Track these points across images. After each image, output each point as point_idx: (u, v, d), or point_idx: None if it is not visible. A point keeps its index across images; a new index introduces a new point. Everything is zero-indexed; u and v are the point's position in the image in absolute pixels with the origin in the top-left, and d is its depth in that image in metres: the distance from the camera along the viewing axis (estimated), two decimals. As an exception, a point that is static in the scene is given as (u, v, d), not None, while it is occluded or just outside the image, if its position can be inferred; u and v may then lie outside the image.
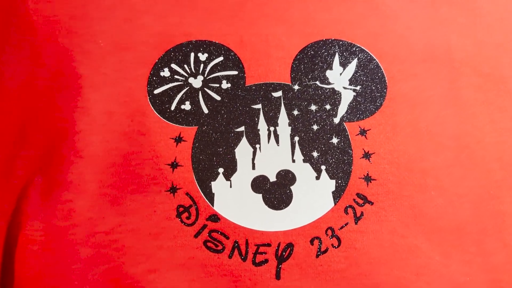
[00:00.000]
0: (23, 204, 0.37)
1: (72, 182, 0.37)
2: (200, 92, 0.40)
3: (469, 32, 0.42)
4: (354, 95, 0.40)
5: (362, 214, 0.38)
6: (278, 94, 0.40)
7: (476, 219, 0.39)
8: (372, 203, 0.38)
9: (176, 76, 0.40)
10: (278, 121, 0.40)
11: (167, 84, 0.40)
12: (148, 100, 0.39)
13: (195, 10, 0.41)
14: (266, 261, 0.37)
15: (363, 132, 0.40)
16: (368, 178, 0.39)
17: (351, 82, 0.40)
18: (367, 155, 0.39)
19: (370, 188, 0.38)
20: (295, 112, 0.40)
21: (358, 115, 0.40)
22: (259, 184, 0.38)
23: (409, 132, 0.39)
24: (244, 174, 0.38)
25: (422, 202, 0.38)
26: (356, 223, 0.38)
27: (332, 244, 0.37)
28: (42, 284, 0.36)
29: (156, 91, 0.39)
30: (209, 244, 0.37)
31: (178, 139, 0.39)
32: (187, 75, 0.40)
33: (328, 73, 0.40)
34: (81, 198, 0.37)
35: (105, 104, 0.39)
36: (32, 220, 0.36)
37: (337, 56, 0.41)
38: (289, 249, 0.37)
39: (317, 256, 0.37)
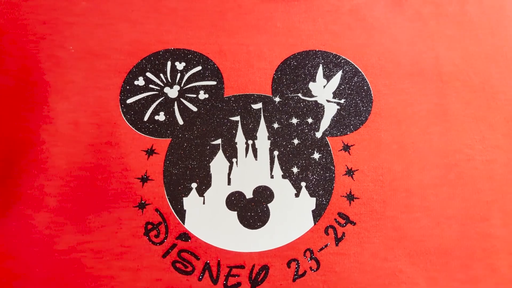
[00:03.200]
0: None
1: (31, 196, 0.36)
2: (175, 102, 0.39)
3: (458, 45, 0.42)
4: (338, 109, 0.39)
5: (343, 235, 0.37)
6: (258, 106, 0.39)
7: (464, 243, 0.38)
8: (354, 223, 0.37)
9: (151, 85, 0.39)
10: (257, 134, 0.39)
11: (141, 93, 0.39)
12: (120, 110, 0.38)
13: (173, 18, 0.40)
14: (238, 284, 0.36)
15: (346, 148, 0.39)
16: (350, 197, 0.38)
17: (335, 95, 0.40)
18: (350, 172, 0.38)
19: (352, 207, 0.37)
20: (275, 125, 0.39)
21: (341, 130, 0.39)
22: (234, 200, 0.37)
23: (394, 149, 0.39)
24: (218, 190, 0.37)
25: (407, 223, 0.37)
26: (336, 245, 0.37)
27: (310, 267, 0.36)
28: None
29: (129, 101, 0.38)
30: (177, 265, 0.36)
31: (150, 152, 0.37)
32: (162, 85, 0.39)
33: (311, 85, 0.40)
34: (40, 214, 0.35)
35: (72, 113, 0.37)
36: None
37: (321, 67, 0.40)
38: (264, 271, 0.36)
39: (294, 279, 0.36)
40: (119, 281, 0.34)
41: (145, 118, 0.38)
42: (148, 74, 0.39)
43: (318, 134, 0.39)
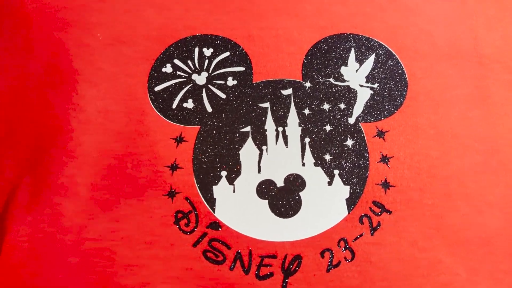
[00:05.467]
0: (10, 206, 0.36)
1: (62, 184, 0.36)
2: (204, 89, 0.39)
3: (498, 25, 0.40)
4: (371, 94, 0.39)
5: (379, 224, 0.36)
6: (288, 91, 0.38)
7: (507, 231, 0.37)
8: (390, 212, 0.36)
9: (178, 72, 0.39)
10: (287, 121, 0.38)
11: (169, 80, 0.39)
12: (148, 97, 0.38)
13: (200, 3, 0.40)
14: (271, 274, 0.35)
15: (381, 134, 0.38)
16: (386, 185, 0.36)
17: (368, 79, 0.39)
18: (385, 159, 0.37)
19: (388, 195, 0.36)
20: (306, 112, 0.38)
21: (375, 115, 0.38)
22: (265, 189, 0.36)
23: (432, 134, 0.38)
24: (248, 178, 0.36)
25: (446, 211, 0.36)
26: (372, 234, 0.36)
27: (344, 257, 0.35)
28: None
29: (157, 88, 0.38)
30: (208, 254, 0.35)
31: (179, 140, 0.37)
32: (190, 71, 0.39)
33: (343, 69, 0.39)
34: (70, 202, 0.35)
35: (101, 101, 0.37)
36: (18, 226, 0.35)
37: (353, 51, 0.39)
38: (296, 261, 0.35)
39: (328, 270, 0.35)
40: (149, 270, 0.34)
41: (174, 106, 0.38)
42: (176, 61, 0.39)
43: (351, 120, 0.38)
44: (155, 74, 0.38)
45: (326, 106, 0.38)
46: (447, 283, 0.35)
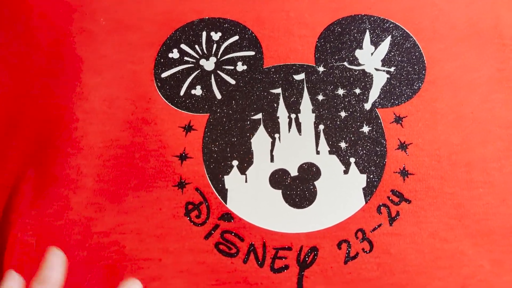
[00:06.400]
0: (14, 200, 0.35)
1: (68, 176, 0.35)
2: (212, 75, 0.38)
3: None
4: (387, 78, 0.38)
5: (397, 214, 0.35)
6: (301, 77, 0.38)
7: None
8: (409, 202, 0.35)
9: (186, 58, 0.38)
10: (300, 108, 0.37)
11: (176, 66, 0.38)
12: (155, 84, 0.37)
13: None
14: (286, 267, 0.34)
15: (398, 120, 0.37)
16: (404, 173, 0.35)
17: (384, 63, 0.38)
18: (403, 146, 0.36)
19: (407, 184, 0.35)
20: (320, 97, 0.37)
21: (392, 100, 0.37)
22: (278, 178, 0.35)
23: (452, 120, 0.37)
24: (261, 168, 0.36)
25: (468, 200, 0.35)
26: (390, 225, 0.35)
27: (363, 249, 0.34)
28: None
29: (163, 75, 0.38)
30: (221, 246, 0.34)
31: (188, 128, 0.36)
32: (198, 57, 0.38)
33: (358, 52, 0.38)
34: (77, 195, 0.35)
35: (106, 89, 0.37)
36: (24, 219, 0.34)
37: (367, 33, 0.39)
38: (313, 253, 0.34)
39: (346, 262, 0.34)
40: (160, 264, 0.33)
41: (181, 93, 0.37)
42: (183, 46, 0.38)
43: (367, 106, 0.37)
44: (162, 60, 0.38)
45: (340, 91, 0.37)
46: (470, 275, 0.34)
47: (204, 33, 0.38)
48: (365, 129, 0.36)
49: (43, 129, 0.36)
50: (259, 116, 0.37)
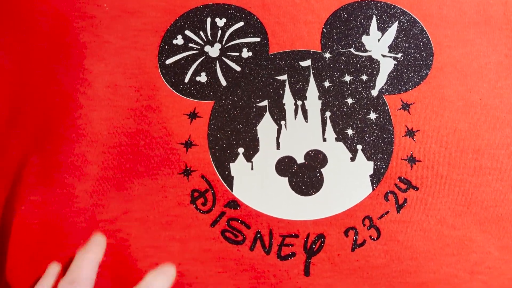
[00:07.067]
0: (18, 188, 0.35)
1: (72, 164, 0.34)
2: (217, 62, 0.37)
3: None
4: (394, 64, 0.37)
5: (405, 201, 0.34)
6: (307, 63, 0.37)
7: None
8: (417, 189, 0.35)
9: (190, 44, 0.38)
10: (307, 94, 0.37)
11: (180, 53, 0.37)
12: (159, 71, 0.37)
13: None
14: (293, 254, 0.34)
15: (405, 106, 0.36)
16: (412, 160, 0.35)
17: (391, 49, 0.38)
18: (410, 133, 0.36)
19: (414, 171, 0.35)
20: (326, 84, 0.37)
21: (399, 87, 0.37)
22: (284, 166, 0.35)
23: (460, 106, 0.36)
24: (267, 155, 0.35)
25: (477, 187, 0.35)
26: (398, 212, 0.34)
27: (370, 236, 0.34)
28: (38, 275, 0.33)
29: (168, 61, 0.37)
30: (227, 234, 0.34)
31: (193, 115, 0.36)
32: (203, 43, 0.38)
33: (364, 39, 0.38)
34: (82, 182, 0.34)
35: (110, 76, 0.36)
36: (28, 206, 0.34)
37: (374, 19, 0.38)
38: (320, 241, 0.34)
39: (353, 249, 0.34)
40: (166, 252, 0.33)
41: (186, 80, 0.37)
42: (187, 32, 0.38)
43: (374, 92, 0.37)
44: (166, 47, 0.37)
45: (347, 78, 0.37)
46: (479, 262, 0.33)
47: (208, 19, 0.38)
48: (372, 116, 0.36)
49: (46, 116, 0.35)
50: (265, 103, 0.36)
